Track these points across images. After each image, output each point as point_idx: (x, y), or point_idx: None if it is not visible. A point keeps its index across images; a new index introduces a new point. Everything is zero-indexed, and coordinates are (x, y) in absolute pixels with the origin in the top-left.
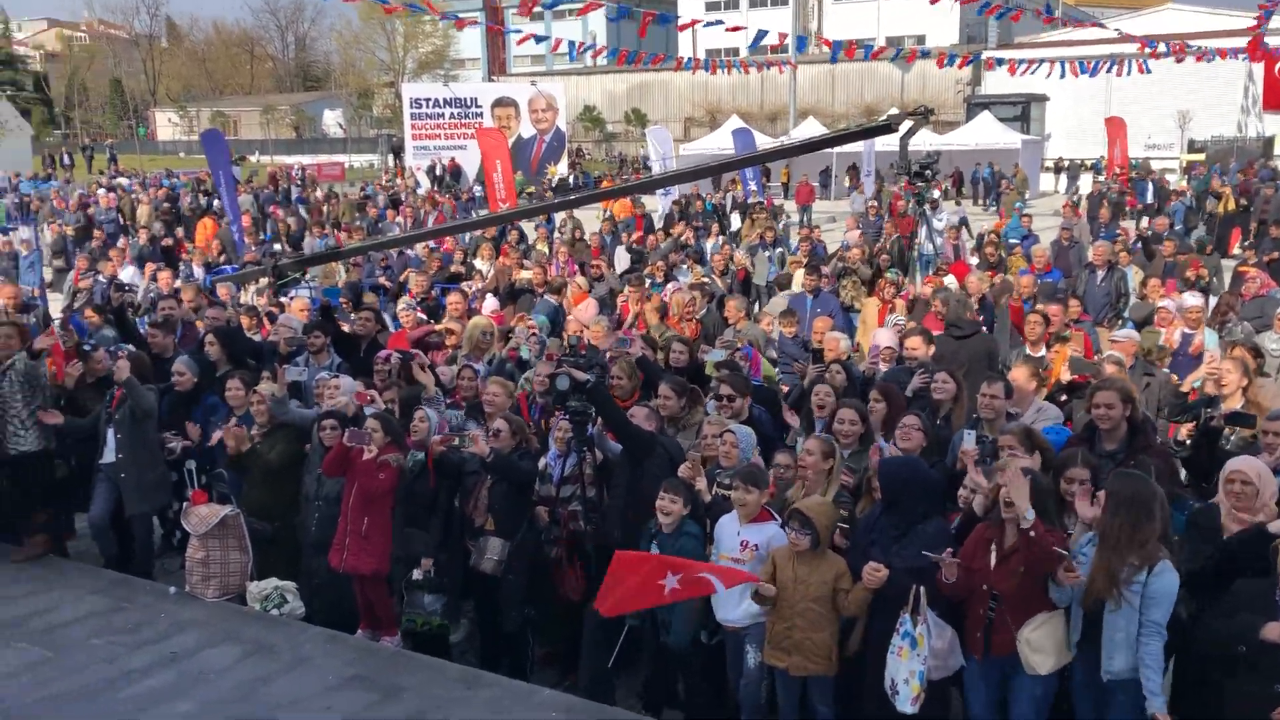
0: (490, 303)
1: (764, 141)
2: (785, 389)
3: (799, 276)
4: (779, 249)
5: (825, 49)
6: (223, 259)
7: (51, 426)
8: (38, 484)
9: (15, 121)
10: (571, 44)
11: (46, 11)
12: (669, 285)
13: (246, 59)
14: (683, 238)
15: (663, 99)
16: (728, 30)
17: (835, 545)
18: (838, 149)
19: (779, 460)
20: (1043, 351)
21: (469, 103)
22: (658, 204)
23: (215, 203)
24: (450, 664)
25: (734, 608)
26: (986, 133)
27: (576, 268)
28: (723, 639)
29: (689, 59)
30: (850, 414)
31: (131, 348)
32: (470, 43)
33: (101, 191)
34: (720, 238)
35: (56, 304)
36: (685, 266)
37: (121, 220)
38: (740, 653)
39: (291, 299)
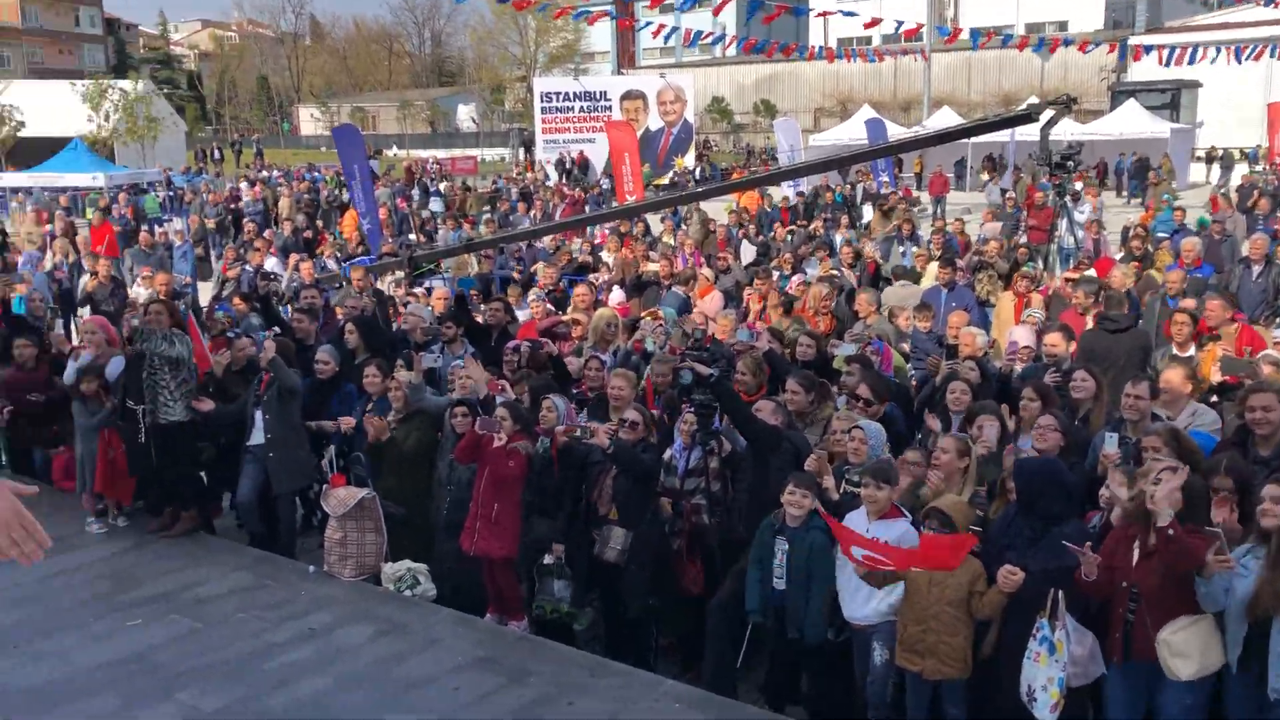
0: (616, 295)
1: (896, 132)
2: (915, 385)
3: (932, 269)
4: (912, 244)
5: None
6: (360, 250)
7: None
8: (185, 453)
9: (171, 119)
10: (697, 34)
11: (201, 13)
12: (794, 278)
13: (385, 55)
14: (811, 228)
15: (792, 89)
16: (866, 26)
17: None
18: (973, 139)
19: (909, 457)
20: (1191, 351)
21: (598, 96)
22: (785, 196)
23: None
24: (576, 651)
25: (862, 605)
26: (1132, 122)
27: (703, 260)
28: (849, 636)
29: (820, 48)
30: (989, 421)
31: (276, 330)
32: (600, 36)
33: (245, 185)
34: (850, 230)
35: (206, 293)
36: (815, 259)
37: (267, 212)
38: (867, 650)
39: (428, 289)
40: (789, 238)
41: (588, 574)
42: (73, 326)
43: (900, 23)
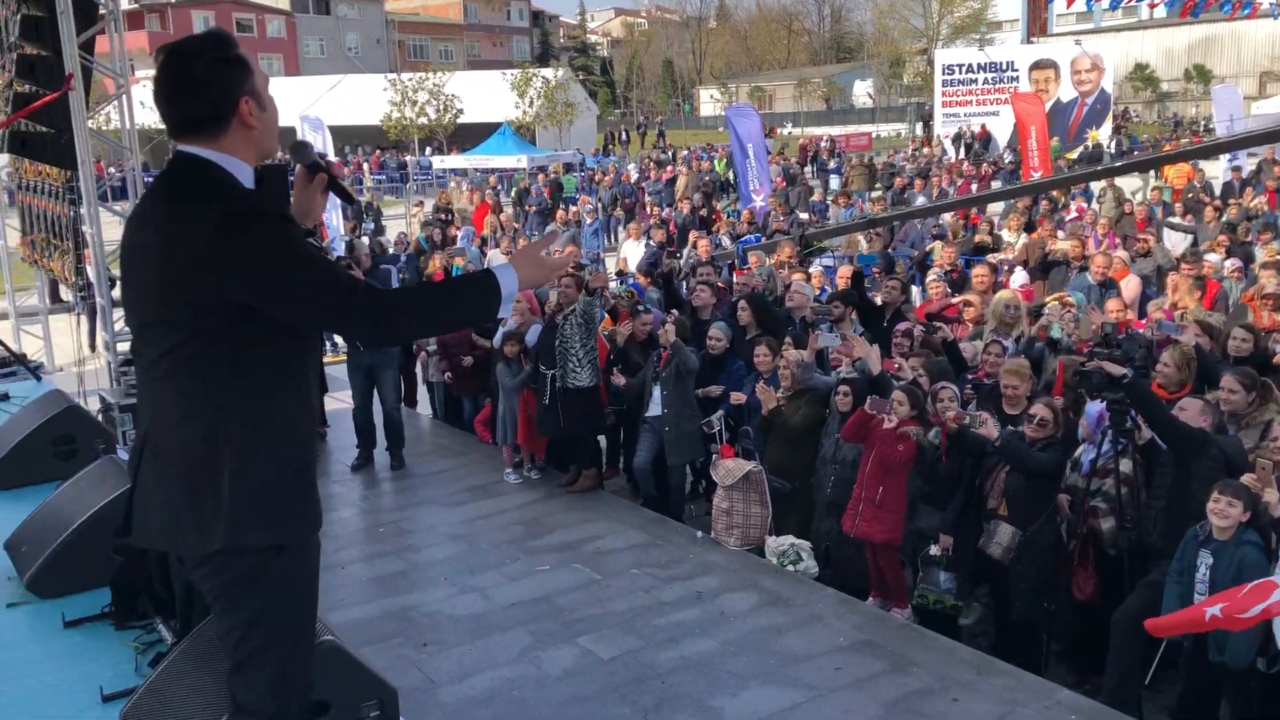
0: (1019, 276)
1: None
2: None
3: None
4: None
5: None
6: (750, 230)
7: (598, 369)
8: (589, 417)
9: (585, 103)
10: None
11: (615, 2)
12: (1227, 263)
13: (784, 34)
14: (1254, 205)
15: (1234, 52)
16: None
17: None
18: None
19: None
20: None
21: (1004, 67)
22: (1218, 171)
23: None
24: (961, 645)
25: None
26: None
27: (1119, 241)
28: None
29: (1273, 5)
30: None
31: (675, 312)
32: (1008, 4)
33: (654, 166)
34: None
35: (612, 266)
36: (1258, 244)
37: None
38: None
39: (825, 269)
40: (1221, 217)
41: (975, 568)
42: None
43: None
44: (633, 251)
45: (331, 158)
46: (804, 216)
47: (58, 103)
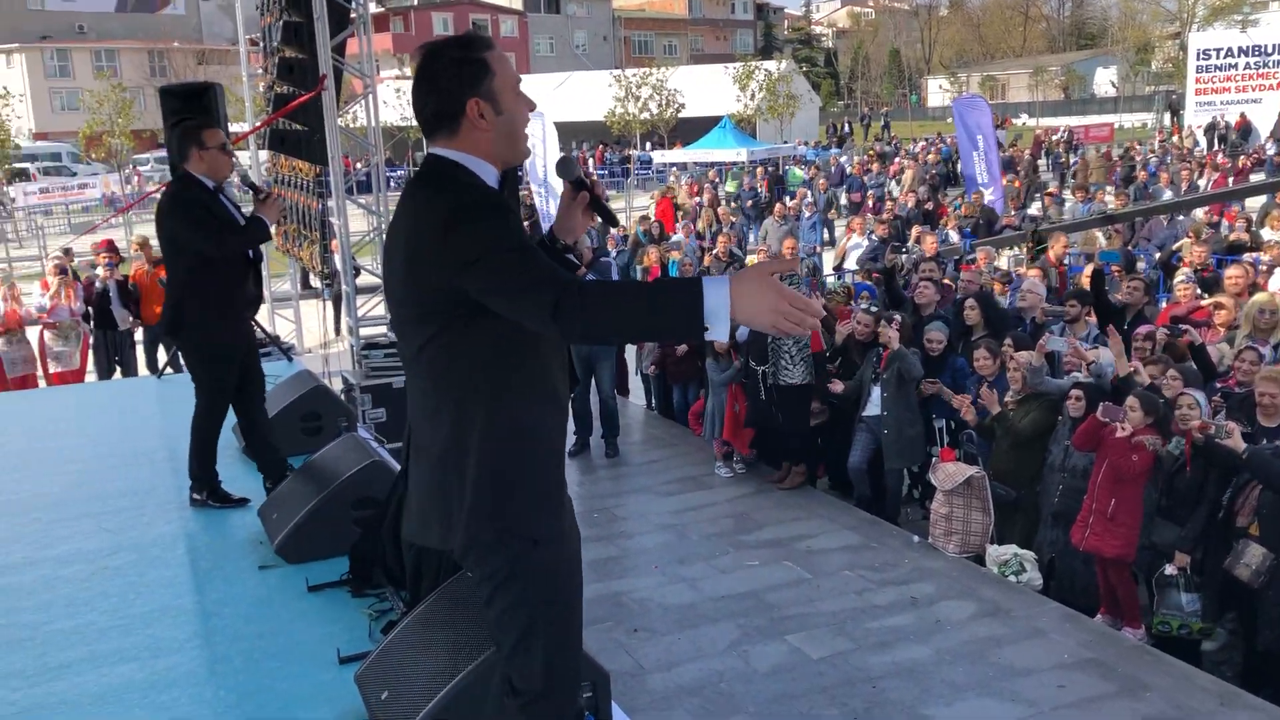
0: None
1: None
2: None
3: None
4: None
5: None
6: (969, 223)
7: (814, 363)
8: (800, 414)
9: (807, 95)
10: None
11: None
12: None
13: (1020, 21)
14: None
15: None
16: None
17: None
18: None
19: None
20: None
21: (1270, 50)
22: None
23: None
24: (1201, 673)
25: None
26: None
27: None
28: None
29: None
30: None
31: (898, 317)
32: None
33: (877, 160)
34: None
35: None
36: None
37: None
38: None
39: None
40: None
41: (1221, 590)
42: None
43: None
44: (855, 247)
45: (554, 151)
46: (1033, 211)
47: (312, 102)
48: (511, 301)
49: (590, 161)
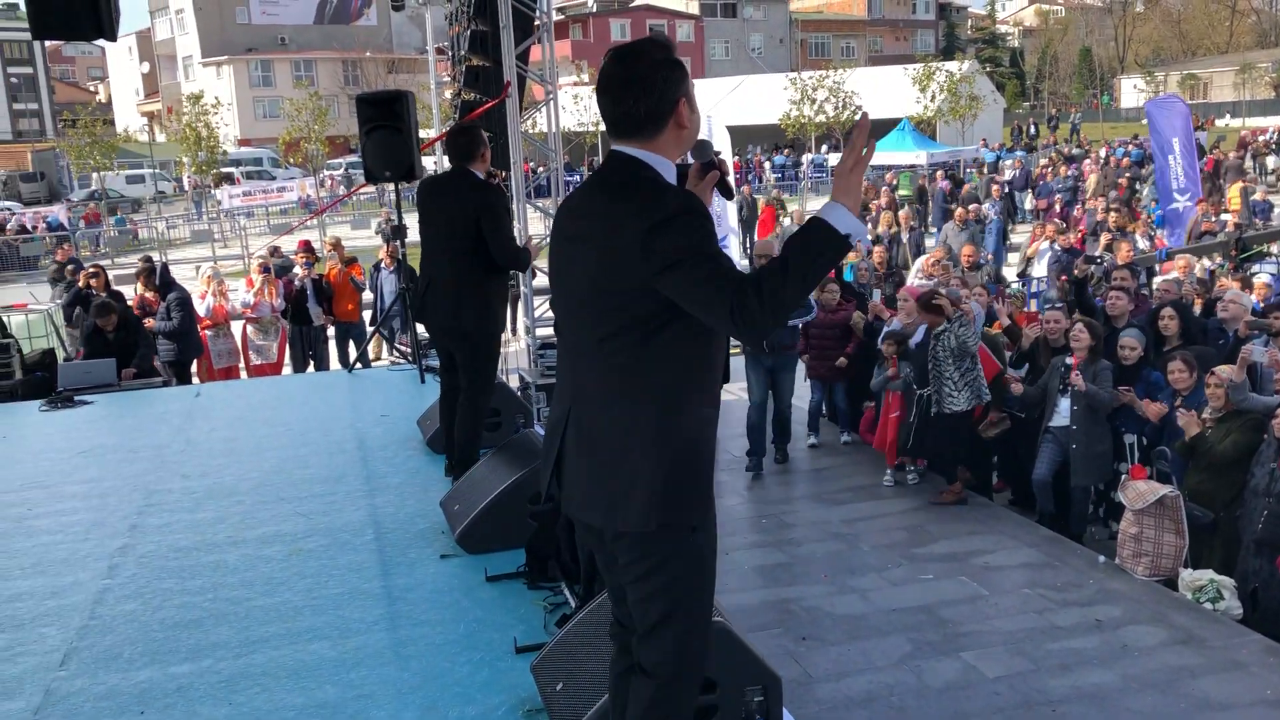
0: None
1: None
2: None
3: None
4: None
5: None
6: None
7: (981, 390)
8: (961, 440)
9: (991, 96)
10: None
11: None
12: None
13: (1226, 15)
14: None
15: None
16: None
17: None
18: None
19: None
20: None
21: None
22: None
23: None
24: None
25: None
26: None
27: None
28: None
29: None
30: None
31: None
32: None
33: (1061, 161)
34: None
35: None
36: None
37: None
38: None
39: (1252, 275)
40: None
41: None
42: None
43: None
44: (1041, 253)
45: (727, 156)
46: (1228, 217)
47: (495, 108)
48: (701, 300)
49: (767, 164)
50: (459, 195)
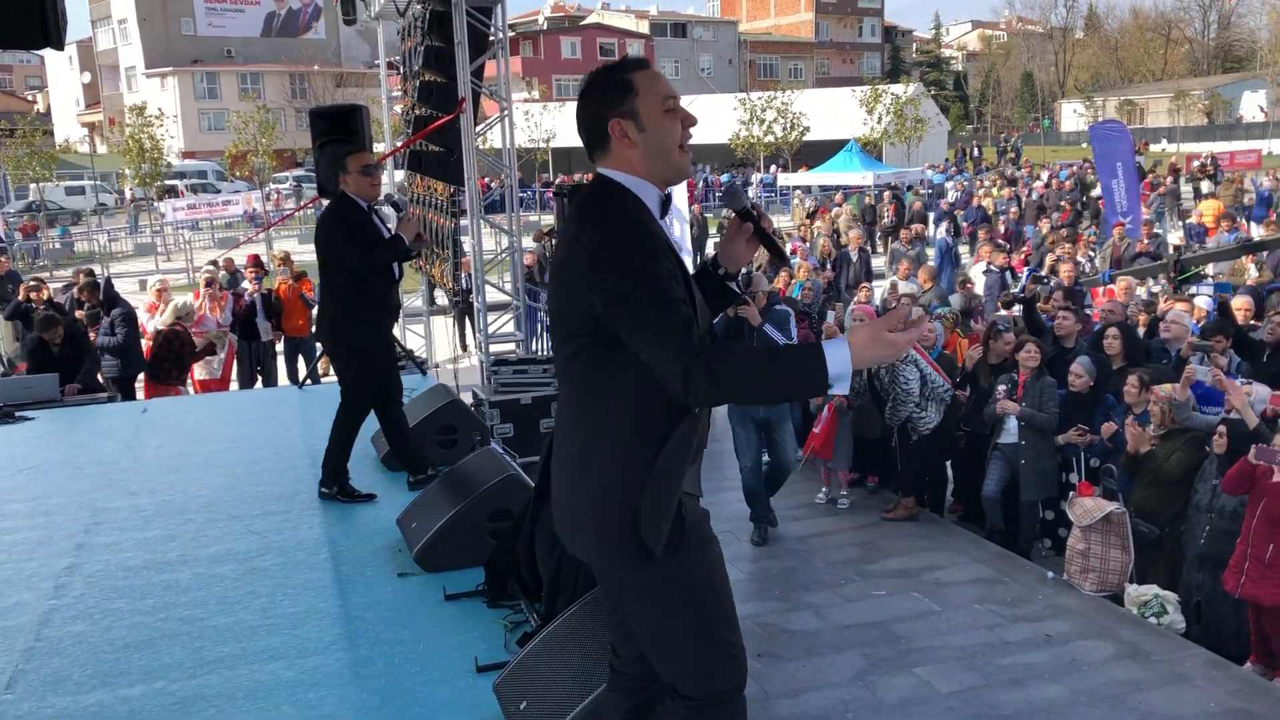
0: None
1: None
2: None
3: None
4: None
5: None
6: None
7: (941, 392)
8: (945, 452)
9: (936, 118)
10: None
11: (972, 14)
12: None
13: (1161, 44)
14: None
15: None
16: None
17: None
18: None
19: None
20: None
21: None
22: None
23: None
24: None
25: None
26: None
27: None
28: None
29: None
30: None
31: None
32: None
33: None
34: None
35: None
36: None
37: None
38: None
39: (1191, 296)
40: None
41: None
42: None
43: None
44: (977, 274)
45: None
46: (1174, 240)
47: (450, 124)
48: (649, 354)
49: (706, 183)
50: (321, 215)
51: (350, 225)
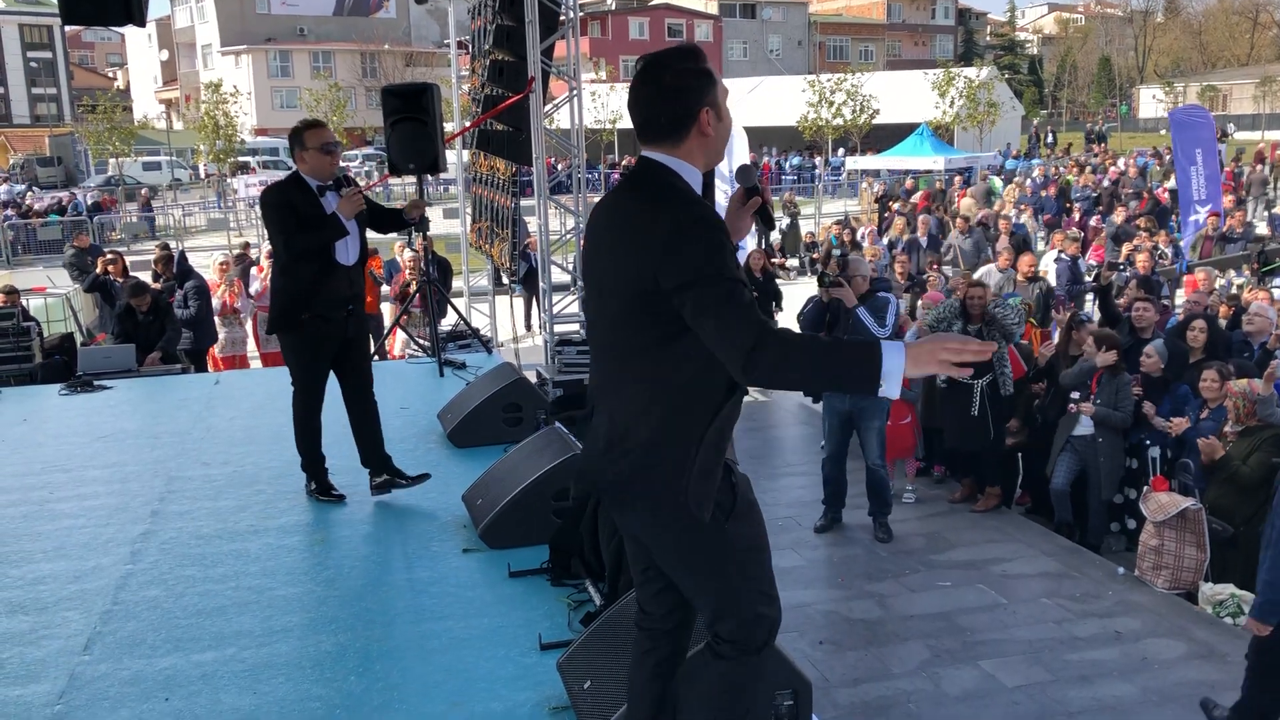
0: None
1: None
2: None
3: None
4: None
5: None
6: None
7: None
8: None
9: (1010, 103)
10: None
11: None
12: None
13: (1247, 27)
14: None
15: None
16: None
17: None
18: None
19: None
20: None
21: None
22: None
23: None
24: None
25: None
26: None
27: None
28: None
29: None
30: None
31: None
32: None
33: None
34: None
35: None
36: None
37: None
38: None
39: (1276, 288)
40: None
41: None
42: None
43: None
44: (1048, 263)
45: (745, 156)
46: (1262, 230)
47: (519, 103)
48: (713, 333)
49: (781, 165)
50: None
51: (281, 208)
